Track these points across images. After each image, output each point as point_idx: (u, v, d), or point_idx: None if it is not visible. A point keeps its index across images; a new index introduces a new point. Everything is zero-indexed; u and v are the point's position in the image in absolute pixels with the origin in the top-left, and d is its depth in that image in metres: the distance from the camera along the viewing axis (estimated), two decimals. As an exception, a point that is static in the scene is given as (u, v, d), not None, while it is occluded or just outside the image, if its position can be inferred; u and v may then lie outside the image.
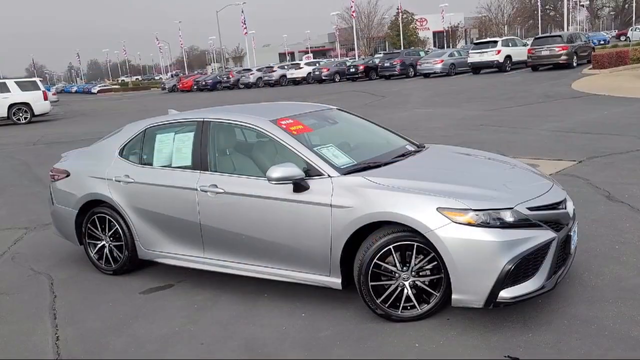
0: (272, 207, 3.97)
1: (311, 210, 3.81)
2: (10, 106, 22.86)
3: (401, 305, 3.64)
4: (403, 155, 4.42)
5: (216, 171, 4.33)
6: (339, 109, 5.23)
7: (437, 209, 3.43)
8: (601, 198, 6.05)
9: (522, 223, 3.44)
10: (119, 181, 4.76)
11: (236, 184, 4.17)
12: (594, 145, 8.81)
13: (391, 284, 3.64)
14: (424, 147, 4.79)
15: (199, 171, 4.38)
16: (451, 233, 3.37)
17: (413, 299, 3.62)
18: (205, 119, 4.53)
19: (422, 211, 3.45)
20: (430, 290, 3.61)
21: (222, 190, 4.19)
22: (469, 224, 3.37)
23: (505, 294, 3.35)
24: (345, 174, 3.84)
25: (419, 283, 3.61)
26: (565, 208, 3.82)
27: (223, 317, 4.01)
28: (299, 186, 3.85)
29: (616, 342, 3.21)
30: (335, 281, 3.85)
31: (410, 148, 4.67)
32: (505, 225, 3.39)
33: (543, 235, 3.46)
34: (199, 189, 4.29)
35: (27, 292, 4.79)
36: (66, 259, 5.56)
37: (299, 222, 3.87)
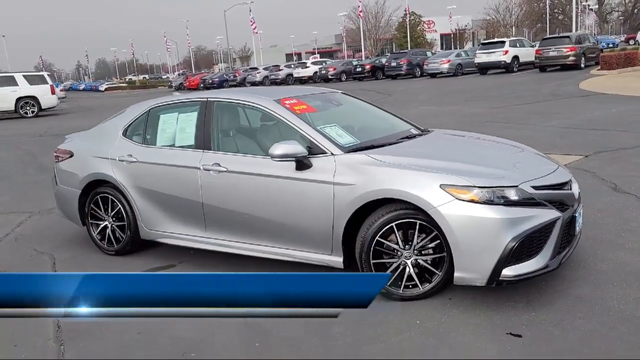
0: (275, 186, 3.95)
1: (313, 188, 3.79)
2: (18, 99, 22.92)
3: (402, 283, 3.60)
4: (407, 137, 4.39)
5: (219, 150, 4.32)
6: (344, 93, 5.20)
7: (440, 185, 3.40)
8: (607, 189, 6.00)
9: (527, 201, 3.40)
10: (122, 161, 4.75)
11: (239, 162, 4.15)
12: (600, 140, 8.75)
13: (393, 262, 3.61)
14: (429, 131, 4.76)
15: (201, 150, 4.36)
16: (455, 210, 3.34)
17: (415, 277, 3.58)
18: (209, 99, 4.52)
19: (426, 188, 3.42)
20: (433, 269, 3.57)
21: (224, 169, 4.17)
22: (473, 202, 3.33)
23: (508, 272, 3.31)
24: (348, 152, 3.81)
25: (421, 261, 3.57)
26: (571, 189, 3.78)
27: (224, 295, 3.99)
28: (302, 164, 3.82)
29: (620, 322, 3.17)
30: (337, 260, 3.82)
31: (415, 132, 4.64)
32: (509, 203, 3.36)
33: (548, 214, 3.42)
34: (201, 168, 4.28)
35: (29, 270, 4.78)
36: (69, 240, 5.56)
37: (301, 200, 3.85)
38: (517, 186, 3.42)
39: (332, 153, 3.81)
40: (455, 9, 78.06)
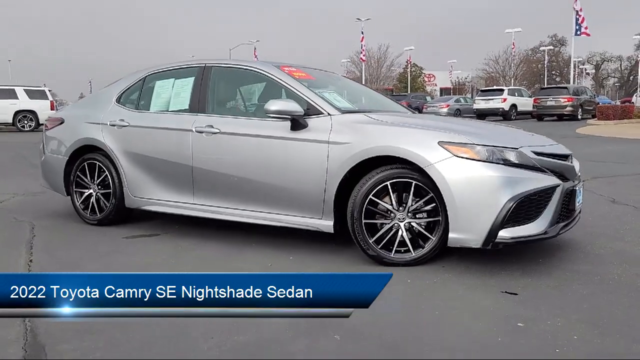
0: (268, 146, 3.83)
1: (308, 147, 3.67)
2: (16, 113, 22.64)
3: (394, 248, 3.44)
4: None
5: (214, 113, 4.22)
6: (344, 76, 5.17)
7: (438, 142, 3.30)
8: (606, 202, 5.92)
9: (527, 165, 3.30)
10: (114, 125, 4.63)
11: (233, 124, 4.05)
12: (598, 169, 8.72)
13: (386, 224, 3.46)
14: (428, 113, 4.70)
15: (195, 113, 4.26)
16: (452, 167, 3.22)
17: (408, 242, 3.43)
18: (207, 64, 4.45)
19: (423, 144, 3.32)
20: (427, 234, 3.42)
21: (217, 130, 4.06)
22: (471, 159, 3.22)
23: (505, 233, 3.17)
24: (345, 113, 3.73)
25: (414, 225, 3.42)
26: (572, 163, 3.68)
27: (207, 256, 3.82)
28: (297, 123, 3.72)
29: (620, 288, 3.03)
30: (327, 224, 3.66)
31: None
32: (509, 164, 3.25)
33: (548, 180, 3.32)
34: (194, 130, 4.16)
35: (7, 233, 4.61)
36: (51, 213, 5.37)
37: (294, 160, 3.73)
38: (517, 149, 3.33)
39: (329, 113, 3.72)
40: (455, 63, 79.74)
